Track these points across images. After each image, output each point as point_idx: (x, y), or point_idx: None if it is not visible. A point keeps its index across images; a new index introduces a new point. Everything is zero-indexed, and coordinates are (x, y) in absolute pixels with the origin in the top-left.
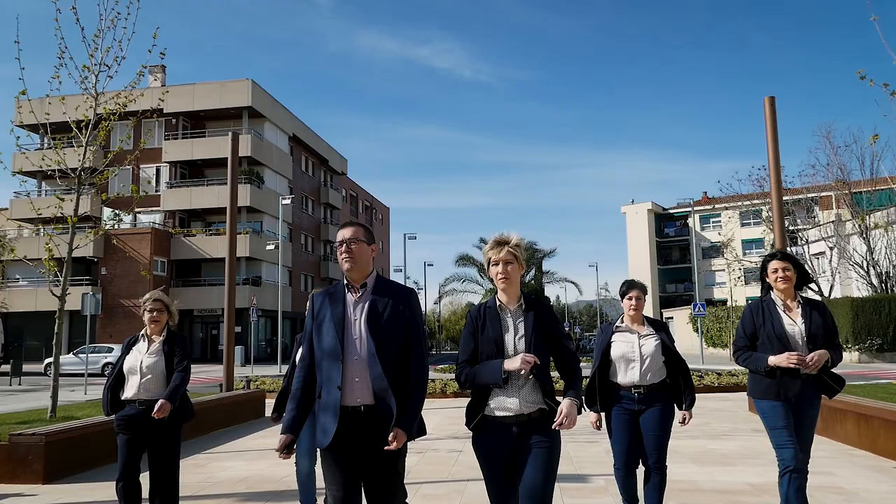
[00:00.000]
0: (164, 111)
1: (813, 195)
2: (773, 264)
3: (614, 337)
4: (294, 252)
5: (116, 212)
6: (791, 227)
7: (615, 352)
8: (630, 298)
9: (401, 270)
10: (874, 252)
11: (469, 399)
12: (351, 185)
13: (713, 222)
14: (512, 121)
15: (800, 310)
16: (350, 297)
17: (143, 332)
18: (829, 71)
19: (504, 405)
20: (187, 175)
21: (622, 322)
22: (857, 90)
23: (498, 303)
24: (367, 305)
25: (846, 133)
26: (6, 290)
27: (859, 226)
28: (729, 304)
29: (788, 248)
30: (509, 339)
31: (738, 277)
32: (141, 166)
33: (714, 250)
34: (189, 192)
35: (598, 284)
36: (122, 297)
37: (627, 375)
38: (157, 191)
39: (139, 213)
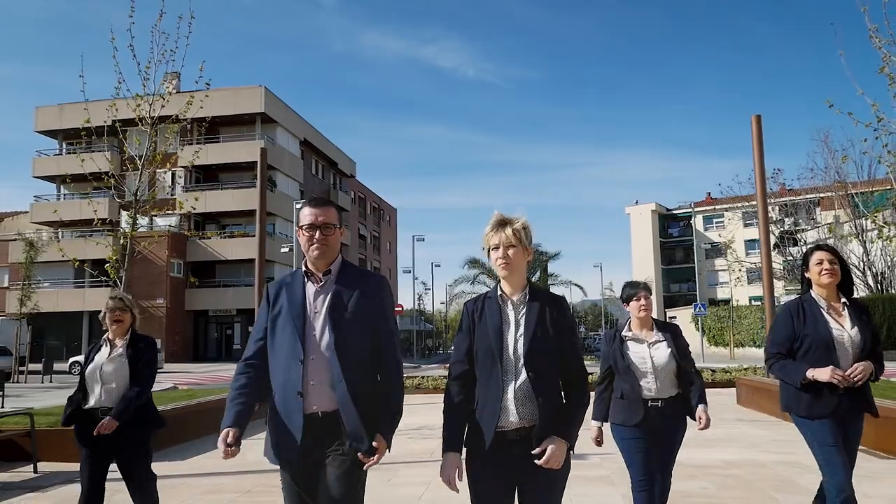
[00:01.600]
0: (180, 117)
1: (811, 196)
2: (818, 255)
3: (622, 347)
4: (301, 254)
5: (133, 216)
6: (791, 228)
7: (623, 365)
8: (638, 299)
9: (409, 271)
10: (870, 253)
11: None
12: (359, 187)
13: (716, 223)
14: (516, 120)
15: (846, 312)
16: (310, 287)
17: (105, 336)
18: (832, 70)
19: (506, 417)
20: (202, 179)
21: (629, 329)
22: (868, 77)
23: (499, 292)
24: (329, 296)
25: (843, 137)
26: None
27: (856, 227)
28: (731, 304)
29: (789, 249)
30: (509, 334)
31: (738, 278)
32: (157, 170)
33: (717, 251)
34: (204, 196)
35: (603, 285)
36: (141, 298)
37: (641, 389)
38: (172, 195)
39: (156, 216)
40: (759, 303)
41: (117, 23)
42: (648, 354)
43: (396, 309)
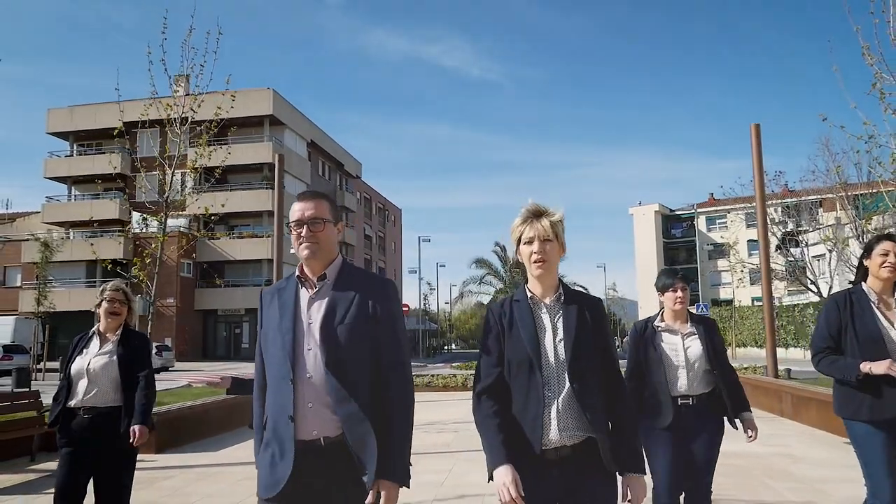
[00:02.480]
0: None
1: (812, 198)
2: (885, 245)
3: (655, 338)
4: None
5: (145, 216)
6: (793, 230)
7: (655, 356)
8: (675, 290)
9: (415, 272)
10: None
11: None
12: (365, 188)
13: (719, 223)
14: (520, 120)
15: None
16: (304, 294)
17: (94, 328)
18: (838, 70)
19: (547, 434)
20: (211, 180)
21: (661, 320)
22: (863, 88)
23: (529, 294)
24: (325, 304)
25: (844, 140)
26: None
27: (856, 229)
28: (733, 304)
29: (789, 250)
30: (546, 341)
31: (740, 279)
32: (167, 172)
33: (719, 251)
34: (213, 197)
35: (606, 285)
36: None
37: (672, 384)
38: (182, 196)
39: (169, 217)
40: (761, 303)
41: (118, 22)
42: (682, 346)
43: (403, 308)
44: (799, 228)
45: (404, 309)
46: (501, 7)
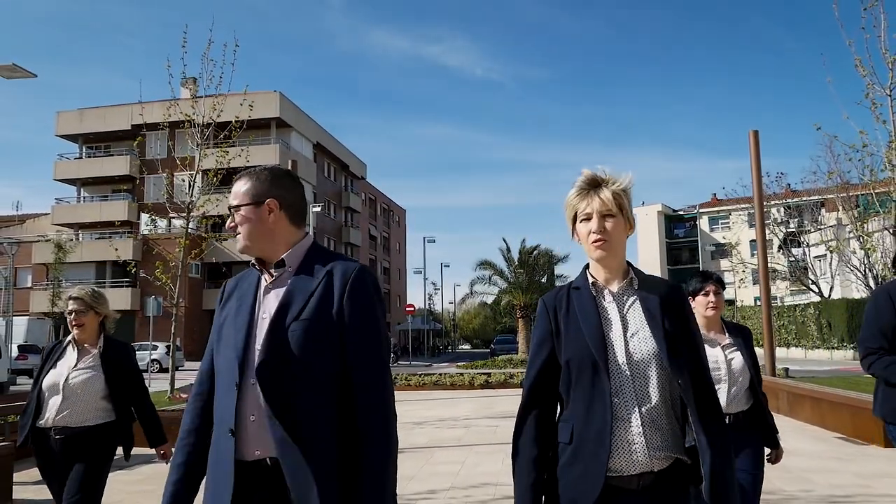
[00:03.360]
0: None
1: (815, 198)
2: None
3: None
4: None
5: (153, 217)
6: (795, 230)
7: None
8: (706, 294)
9: (420, 272)
10: (870, 256)
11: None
12: (370, 188)
13: (721, 224)
14: (522, 119)
15: None
16: (263, 283)
17: (70, 338)
18: (838, 71)
19: (627, 456)
20: (218, 182)
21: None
22: (858, 97)
23: (590, 280)
24: (280, 295)
25: (851, 137)
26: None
27: (857, 229)
28: (735, 304)
29: (790, 250)
30: (614, 336)
31: (742, 279)
32: (175, 174)
33: (722, 251)
34: (220, 198)
35: None
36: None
37: None
38: (191, 198)
39: (173, 218)
40: None
41: (119, 22)
42: (724, 359)
43: (408, 308)
44: (800, 229)
45: (408, 309)
46: (504, 6)
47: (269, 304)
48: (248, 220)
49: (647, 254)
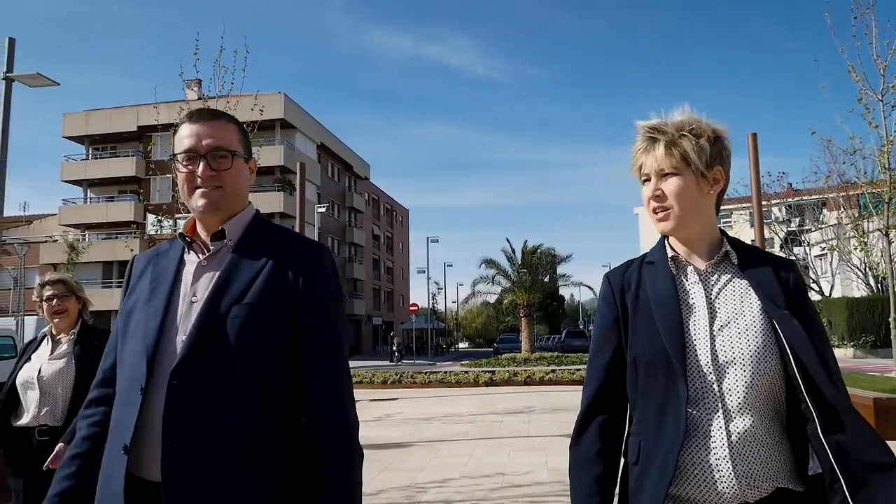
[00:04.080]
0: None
1: (815, 198)
2: None
3: None
4: None
5: (159, 218)
6: (796, 229)
7: None
8: None
9: (423, 272)
10: (871, 255)
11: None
12: (373, 188)
13: (723, 223)
14: (524, 118)
15: None
16: (191, 261)
17: (45, 330)
18: (840, 70)
19: (709, 484)
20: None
21: None
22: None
23: (670, 254)
24: (217, 276)
25: (846, 139)
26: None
27: (855, 231)
28: None
29: (792, 249)
30: (698, 328)
31: None
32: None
33: None
34: None
35: None
36: None
37: None
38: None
39: (179, 218)
40: None
41: (119, 22)
42: None
43: (411, 308)
44: (801, 228)
45: (412, 308)
46: (506, 6)
47: (201, 286)
48: (235, 179)
49: None
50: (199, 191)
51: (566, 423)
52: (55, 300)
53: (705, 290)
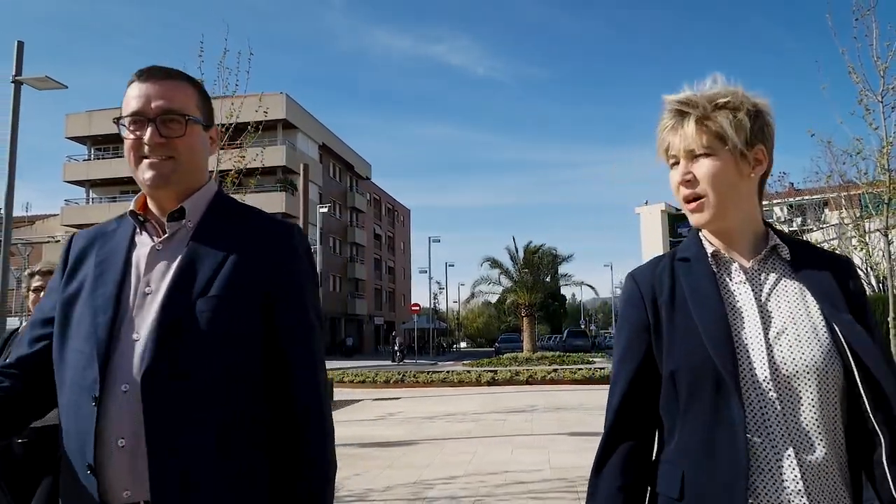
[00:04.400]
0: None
1: (817, 197)
2: None
3: None
4: (324, 254)
5: None
6: (798, 228)
7: None
8: None
9: (425, 272)
10: (872, 255)
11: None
12: (374, 188)
13: None
14: (524, 118)
15: None
16: (143, 244)
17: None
18: (841, 69)
19: None
20: (224, 184)
21: None
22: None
23: (709, 248)
24: (178, 262)
25: (845, 141)
26: None
27: (856, 230)
28: None
29: None
30: (751, 336)
31: None
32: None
33: None
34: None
35: (614, 284)
36: None
37: None
38: None
39: None
40: None
41: (119, 22)
42: None
43: (413, 308)
44: (803, 227)
45: (414, 308)
46: (507, 6)
47: (157, 275)
48: (192, 147)
49: (652, 253)
50: (146, 161)
51: (568, 421)
52: (43, 292)
53: (754, 291)
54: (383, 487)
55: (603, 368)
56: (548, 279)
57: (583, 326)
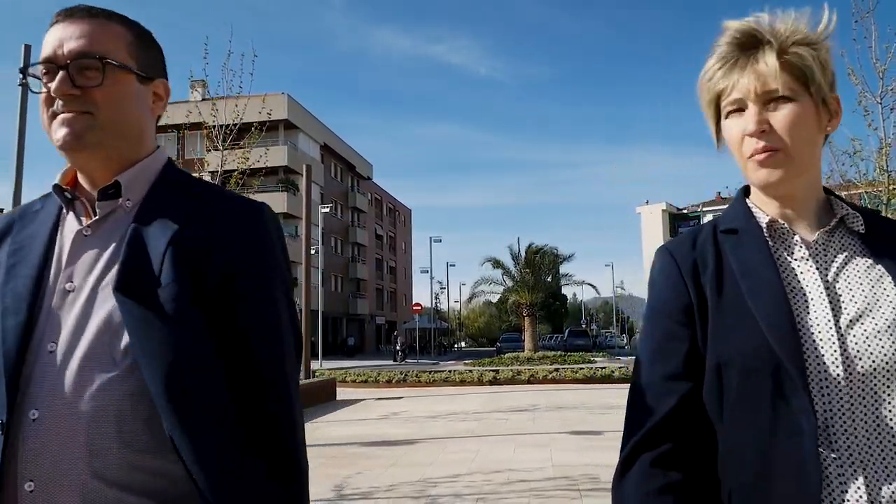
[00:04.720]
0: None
1: None
2: None
3: None
4: (325, 254)
5: None
6: None
7: None
8: None
9: (427, 271)
10: None
11: None
12: (375, 188)
13: None
14: (526, 118)
15: None
16: (70, 227)
17: None
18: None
19: None
20: (228, 184)
21: None
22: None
23: (763, 219)
24: (112, 250)
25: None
26: None
27: None
28: None
29: None
30: (818, 322)
31: None
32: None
33: None
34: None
35: (615, 283)
36: None
37: None
38: None
39: None
40: None
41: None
42: None
43: (415, 307)
44: None
45: (416, 308)
46: (507, 6)
47: (82, 267)
48: (123, 96)
49: (652, 252)
50: (59, 118)
51: (570, 420)
52: None
53: (819, 269)
54: (387, 486)
55: (604, 368)
56: (549, 279)
57: (584, 326)
